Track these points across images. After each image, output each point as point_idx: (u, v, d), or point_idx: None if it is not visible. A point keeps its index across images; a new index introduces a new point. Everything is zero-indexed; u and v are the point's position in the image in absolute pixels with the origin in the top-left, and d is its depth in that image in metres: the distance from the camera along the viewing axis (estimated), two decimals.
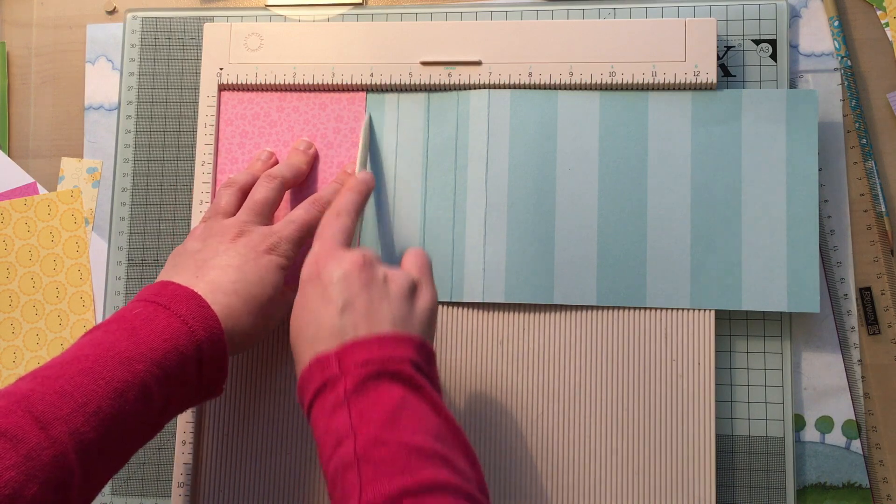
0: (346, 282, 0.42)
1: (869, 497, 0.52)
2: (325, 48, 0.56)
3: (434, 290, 0.46)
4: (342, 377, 0.40)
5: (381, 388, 0.39)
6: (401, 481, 0.36)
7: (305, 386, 0.41)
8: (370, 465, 0.37)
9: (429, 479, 0.36)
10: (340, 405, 0.39)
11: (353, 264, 0.43)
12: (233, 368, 0.54)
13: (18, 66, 0.62)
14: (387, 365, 0.40)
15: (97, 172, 0.60)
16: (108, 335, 0.42)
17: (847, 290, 0.54)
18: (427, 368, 0.42)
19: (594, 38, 0.54)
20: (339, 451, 0.38)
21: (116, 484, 0.56)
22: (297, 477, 0.53)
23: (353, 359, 0.40)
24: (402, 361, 0.40)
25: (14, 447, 0.36)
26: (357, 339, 0.41)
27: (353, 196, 0.48)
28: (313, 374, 0.41)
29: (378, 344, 0.41)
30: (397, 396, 0.39)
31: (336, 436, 0.39)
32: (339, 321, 0.41)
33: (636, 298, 0.52)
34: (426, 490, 0.36)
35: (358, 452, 0.37)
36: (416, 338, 0.42)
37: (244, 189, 0.52)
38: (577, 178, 0.54)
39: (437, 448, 0.38)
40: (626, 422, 0.52)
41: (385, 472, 0.36)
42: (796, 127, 0.53)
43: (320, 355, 0.41)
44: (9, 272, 0.60)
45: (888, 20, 0.56)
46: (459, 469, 0.38)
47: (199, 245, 0.48)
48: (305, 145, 0.55)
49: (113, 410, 0.39)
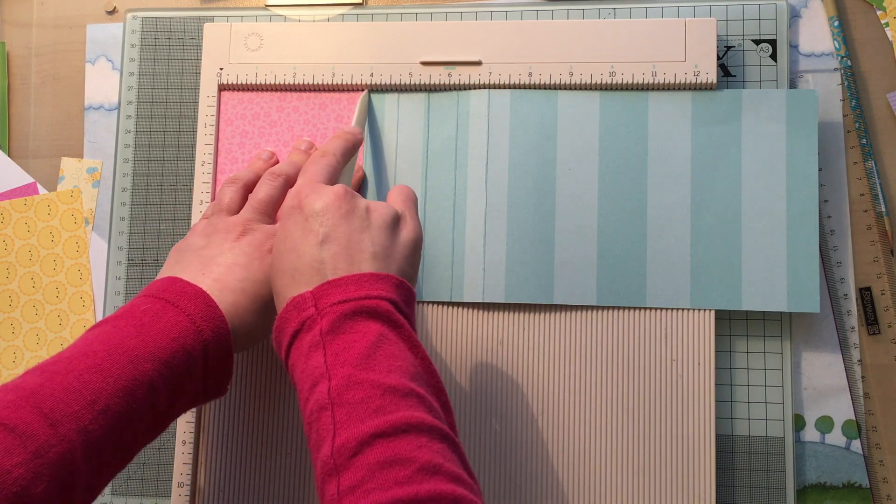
0: (327, 213, 0.42)
1: (869, 497, 0.52)
2: (325, 48, 0.56)
3: (418, 223, 0.45)
4: (318, 317, 0.39)
5: (357, 325, 0.39)
6: (374, 422, 0.36)
7: (283, 328, 0.41)
8: (344, 407, 0.36)
9: (402, 419, 0.36)
10: (316, 346, 0.39)
11: (335, 195, 0.43)
12: (234, 368, 0.54)
13: (18, 66, 0.62)
14: (363, 303, 0.39)
15: (97, 172, 0.60)
16: (116, 330, 0.42)
17: (847, 290, 0.54)
18: (406, 309, 0.41)
19: (594, 38, 0.54)
20: (314, 394, 0.38)
21: (116, 484, 0.56)
22: (297, 477, 0.53)
23: (330, 298, 0.40)
24: (380, 299, 0.40)
25: (23, 444, 0.36)
26: (336, 278, 0.40)
27: (339, 141, 0.49)
28: (290, 315, 0.41)
29: (356, 283, 0.40)
30: (373, 334, 0.39)
31: (311, 378, 0.38)
32: (319, 254, 0.41)
33: (636, 298, 0.52)
34: (400, 430, 0.35)
35: (332, 394, 0.37)
36: (394, 277, 0.42)
37: (247, 186, 0.52)
38: (577, 178, 0.54)
39: (412, 387, 0.37)
40: (626, 422, 0.52)
41: (358, 414, 0.36)
42: (796, 127, 0.53)
43: (297, 297, 0.41)
44: (9, 272, 0.60)
45: (888, 20, 0.56)
46: (433, 409, 0.38)
47: (203, 241, 0.48)
48: (306, 145, 0.55)
49: (120, 409, 0.39)
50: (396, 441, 0.35)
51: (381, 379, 0.37)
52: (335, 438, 0.36)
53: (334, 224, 0.42)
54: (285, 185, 0.52)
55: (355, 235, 0.42)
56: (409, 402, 0.37)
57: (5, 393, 0.38)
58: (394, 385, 0.37)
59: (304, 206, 0.43)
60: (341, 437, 0.36)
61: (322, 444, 0.36)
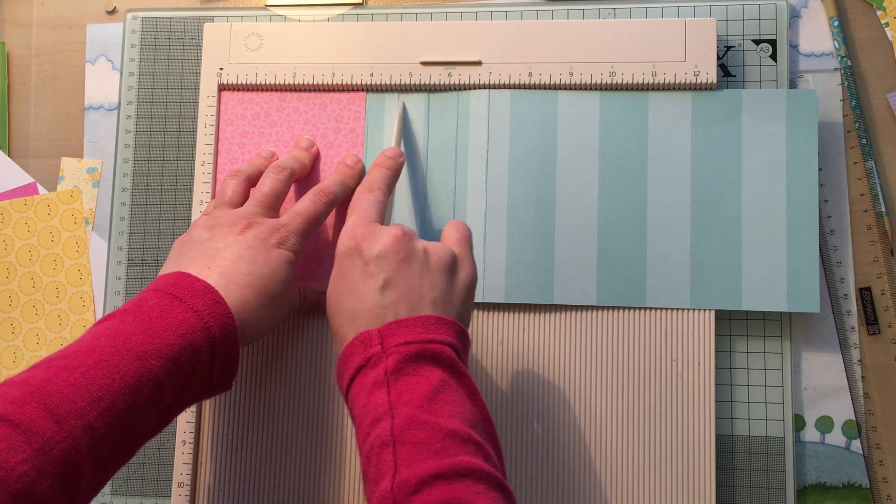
0: (387, 257, 0.43)
1: (869, 497, 0.52)
2: (325, 48, 0.56)
3: (474, 265, 0.46)
4: (384, 356, 0.40)
5: (421, 369, 0.40)
6: (435, 464, 0.36)
7: (347, 361, 0.42)
8: (406, 445, 0.37)
9: (462, 463, 0.37)
10: (380, 384, 0.40)
11: (393, 239, 0.43)
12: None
13: (18, 66, 0.62)
14: (428, 347, 0.40)
15: (97, 172, 0.60)
16: (124, 326, 0.41)
17: (847, 290, 0.54)
18: (464, 355, 0.42)
19: (594, 38, 0.54)
20: (376, 430, 0.38)
21: (116, 484, 0.56)
22: (297, 477, 0.53)
23: (396, 338, 0.41)
24: (443, 344, 0.41)
25: (28, 440, 0.36)
26: (402, 318, 0.41)
27: (383, 171, 0.49)
28: (355, 350, 0.41)
29: (422, 325, 0.41)
30: (436, 378, 0.40)
31: (374, 414, 0.39)
32: (380, 299, 0.42)
33: (636, 298, 0.52)
34: (459, 475, 0.36)
35: (395, 432, 0.38)
36: (457, 324, 0.43)
37: (250, 179, 0.52)
38: (577, 178, 0.54)
39: (472, 434, 0.38)
40: (626, 422, 0.52)
41: (420, 454, 0.37)
42: (796, 127, 0.53)
43: (364, 333, 0.41)
44: (9, 272, 0.60)
45: (888, 20, 0.56)
46: (490, 457, 0.38)
47: (207, 234, 0.48)
48: (308, 143, 0.55)
49: (126, 406, 0.39)
50: (456, 484, 0.36)
51: (442, 423, 0.38)
52: (396, 475, 0.36)
53: (394, 269, 0.43)
54: (289, 180, 0.52)
55: (415, 281, 0.43)
56: (467, 448, 0.38)
57: (10, 388, 0.38)
58: (454, 430, 0.38)
59: (363, 250, 0.43)
60: (402, 474, 0.36)
61: (381, 478, 0.37)
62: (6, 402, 0.37)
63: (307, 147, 0.55)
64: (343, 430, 0.53)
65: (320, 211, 0.50)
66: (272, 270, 0.46)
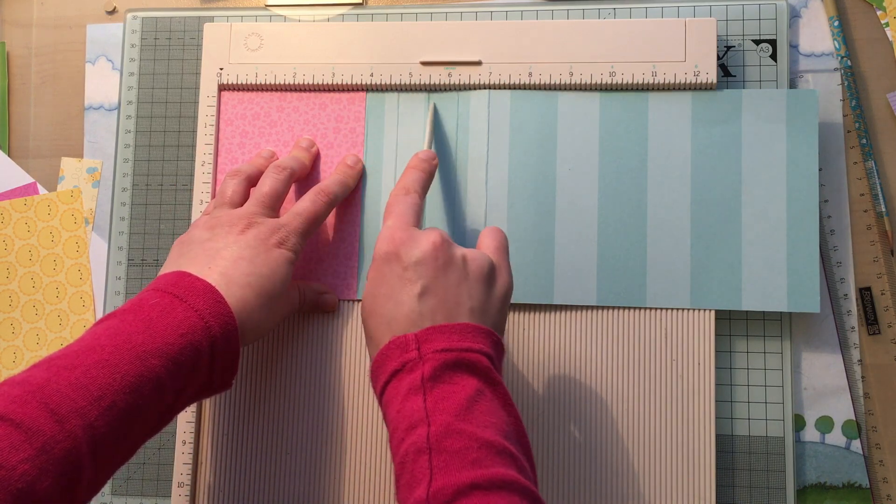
0: (426, 264, 0.43)
1: (869, 497, 0.52)
2: (325, 48, 0.56)
3: (510, 274, 0.46)
4: (420, 362, 0.40)
5: (457, 377, 0.40)
6: (471, 474, 0.36)
7: (383, 364, 0.42)
8: (442, 454, 0.37)
9: (498, 475, 0.37)
10: (416, 390, 0.40)
11: (433, 245, 0.43)
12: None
13: (18, 66, 0.62)
14: (464, 356, 0.40)
15: (97, 172, 0.60)
16: (124, 325, 0.41)
17: (847, 290, 0.54)
18: (499, 365, 0.42)
19: (594, 38, 0.54)
20: (412, 436, 0.38)
21: (116, 484, 0.56)
22: (297, 477, 0.53)
23: (433, 345, 0.41)
24: (480, 354, 0.41)
25: (29, 440, 0.36)
26: (439, 325, 0.41)
27: (418, 173, 0.49)
28: (391, 354, 0.41)
29: (459, 333, 0.41)
30: (472, 387, 0.40)
31: (410, 420, 0.39)
32: (418, 306, 0.42)
33: (636, 298, 0.52)
34: (496, 486, 0.36)
35: (431, 440, 0.38)
36: (494, 333, 0.42)
37: (250, 179, 0.52)
38: (577, 178, 0.54)
39: (507, 446, 0.38)
40: (626, 422, 0.52)
41: (456, 464, 0.37)
42: (796, 127, 0.53)
43: (400, 337, 0.41)
44: (9, 272, 0.60)
45: (888, 20, 0.56)
46: (524, 470, 0.38)
47: (207, 234, 0.48)
48: (308, 143, 0.55)
49: (127, 405, 0.39)
50: (492, 496, 0.36)
51: (478, 432, 0.38)
52: (432, 483, 0.37)
53: (433, 276, 0.42)
54: (289, 179, 0.52)
55: (453, 289, 0.42)
56: (503, 459, 0.38)
57: (11, 387, 0.38)
58: (490, 440, 0.38)
59: (402, 255, 0.43)
60: (438, 482, 0.36)
61: (416, 485, 0.37)
62: (7, 401, 0.37)
63: (307, 147, 0.55)
64: (343, 430, 0.53)
65: (320, 211, 0.50)
66: (272, 270, 0.46)
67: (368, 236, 0.55)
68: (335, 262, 0.55)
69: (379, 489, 0.52)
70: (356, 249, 0.55)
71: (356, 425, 0.53)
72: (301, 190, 0.55)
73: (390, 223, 0.45)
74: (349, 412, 0.53)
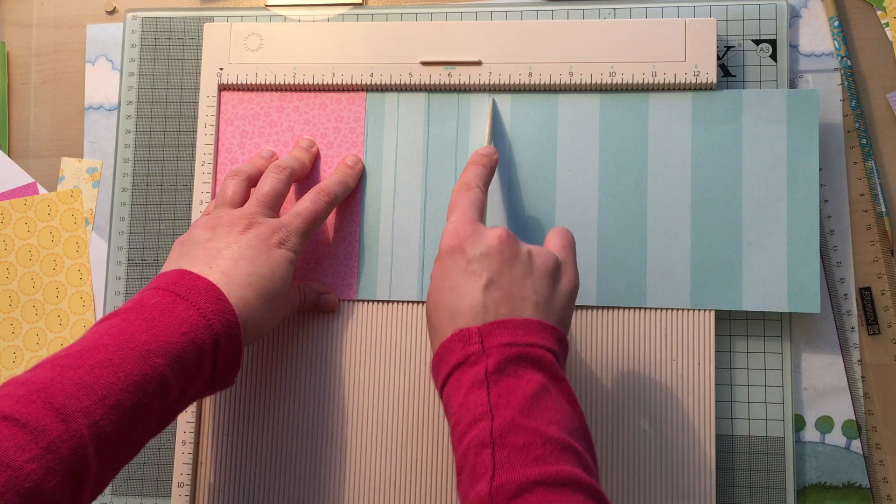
0: (491, 257, 0.42)
1: (869, 497, 0.52)
2: (325, 48, 0.56)
3: (576, 273, 0.45)
4: (484, 355, 0.40)
5: (522, 372, 0.40)
6: (535, 470, 0.36)
7: (445, 356, 0.41)
8: (505, 448, 0.37)
9: (564, 472, 0.36)
10: (480, 383, 0.39)
11: (498, 239, 0.43)
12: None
13: (18, 66, 0.63)
14: (529, 350, 0.40)
15: (97, 172, 0.60)
16: (127, 324, 0.41)
17: (847, 290, 0.54)
18: (563, 361, 0.42)
19: (594, 38, 0.54)
20: (475, 429, 0.38)
21: (116, 484, 0.56)
22: (297, 477, 0.53)
23: (497, 339, 0.40)
24: (544, 349, 0.41)
25: (35, 439, 0.36)
26: (503, 319, 0.41)
27: (479, 168, 0.48)
28: (454, 346, 0.41)
29: (523, 328, 0.41)
30: (537, 383, 0.39)
31: (473, 413, 0.39)
32: (482, 298, 0.42)
33: (636, 298, 0.52)
34: (560, 483, 0.36)
35: (494, 434, 0.38)
36: (559, 330, 0.42)
37: (251, 179, 0.52)
38: (577, 178, 0.54)
39: (571, 443, 0.38)
40: (626, 422, 0.52)
41: (520, 459, 0.37)
42: (797, 127, 0.53)
43: (463, 330, 0.41)
44: (9, 272, 0.60)
45: (888, 20, 0.56)
46: (589, 467, 0.38)
47: (207, 234, 0.48)
48: (308, 143, 0.55)
49: (131, 404, 0.39)
50: (556, 493, 0.36)
51: (542, 428, 0.38)
52: (494, 478, 0.36)
53: (498, 269, 0.42)
54: (290, 179, 0.52)
55: (517, 282, 0.42)
56: (567, 456, 0.37)
57: (16, 387, 0.38)
58: (554, 437, 0.38)
59: (467, 249, 0.43)
60: (501, 477, 0.36)
61: (479, 479, 0.37)
62: (12, 401, 0.37)
63: (307, 147, 0.55)
64: (343, 431, 0.53)
65: (321, 211, 0.50)
66: (273, 270, 0.46)
67: (368, 236, 0.55)
68: (335, 262, 0.55)
69: (379, 489, 0.52)
70: (356, 249, 0.55)
71: (356, 425, 0.53)
72: (301, 190, 0.55)
73: (454, 218, 0.45)
74: (349, 412, 0.53)
